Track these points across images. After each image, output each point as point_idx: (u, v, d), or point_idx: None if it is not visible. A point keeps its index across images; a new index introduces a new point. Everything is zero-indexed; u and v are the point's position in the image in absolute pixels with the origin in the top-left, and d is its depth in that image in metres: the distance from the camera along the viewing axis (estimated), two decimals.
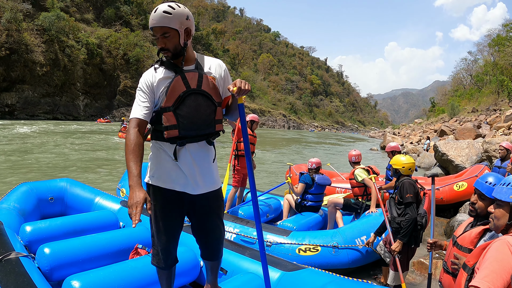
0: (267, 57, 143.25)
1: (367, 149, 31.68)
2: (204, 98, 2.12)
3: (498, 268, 1.52)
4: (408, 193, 3.60)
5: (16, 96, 45.99)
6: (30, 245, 3.47)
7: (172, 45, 2.05)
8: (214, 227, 2.36)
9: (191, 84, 2.09)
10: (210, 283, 2.59)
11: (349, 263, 4.24)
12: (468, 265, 1.87)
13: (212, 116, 2.16)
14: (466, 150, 10.63)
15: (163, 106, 2.06)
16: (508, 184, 1.80)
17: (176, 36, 2.04)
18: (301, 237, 4.34)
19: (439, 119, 47.91)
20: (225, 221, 4.72)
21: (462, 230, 2.33)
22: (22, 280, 2.42)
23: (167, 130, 2.06)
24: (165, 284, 2.43)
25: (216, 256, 2.45)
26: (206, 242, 2.39)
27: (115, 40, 63.39)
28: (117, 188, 6.48)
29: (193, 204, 2.26)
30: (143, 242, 3.64)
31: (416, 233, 3.61)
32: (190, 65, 2.17)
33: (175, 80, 2.07)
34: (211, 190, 2.27)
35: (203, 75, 2.15)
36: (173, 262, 2.37)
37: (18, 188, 4.49)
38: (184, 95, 2.06)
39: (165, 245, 2.27)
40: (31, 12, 50.89)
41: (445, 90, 73.48)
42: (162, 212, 2.21)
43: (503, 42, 43.93)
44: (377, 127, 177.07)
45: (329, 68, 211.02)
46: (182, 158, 2.12)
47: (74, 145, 19.16)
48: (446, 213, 7.49)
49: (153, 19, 2.00)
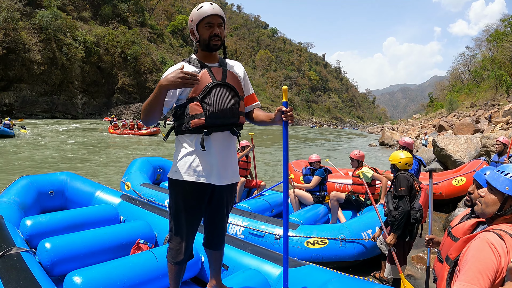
0: (265, 53, 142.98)
1: (365, 144, 31.68)
2: (229, 90, 2.24)
3: (482, 268, 1.49)
4: (401, 187, 3.67)
5: (14, 96, 45.76)
6: (31, 239, 3.47)
7: (223, 34, 2.25)
8: (223, 218, 2.46)
9: (217, 77, 2.23)
10: (213, 278, 2.62)
11: (355, 256, 4.33)
12: (450, 257, 1.83)
13: (236, 106, 2.25)
14: (464, 145, 10.64)
15: (190, 96, 2.17)
16: (507, 174, 1.75)
17: (224, 29, 2.27)
18: (309, 231, 4.43)
19: (438, 114, 47.97)
20: (234, 215, 4.79)
21: (457, 221, 2.35)
22: (23, 276, 2.43)
23: (193, 119, 2.15)
24: (175, 279, 2.44)
25: (219, 246, 2.53)
26: (214, 232, 2.48)
27: (112, 38, 63.08)
28: (121, 182, 6.49)
29: (213, 195, 2.32)
30: (144, 237, 3.64)
31: (411, 226, 3.65)
32: (214, 63, 2.32)
33: (202, 73, 2.21)
34: (233, 182, 2.36)
35: (227, 71, 2.31)
36: (189, 257, 2.40)
37: (18, 181, 4.47)
38: (210, 86, 2.17)
39: (185, 240, 2.31)
40: (28, 11, 50.62)
41: (443, 85, 73.55)
42: (184, 206, 2.26)
43: (501, 37, 43.94)
44: (375, 122, 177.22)
45: (327, 64, 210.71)
46: (207, 148, 2.19)
47: (74, 141, 19.15)
48: (444, 207, 7.51)
49: (214, 9, 2.18)
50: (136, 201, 4.45)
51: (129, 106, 60.97)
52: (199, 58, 2.31)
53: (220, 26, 2.22)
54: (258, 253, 3.18)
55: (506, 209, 1.74)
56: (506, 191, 1.71)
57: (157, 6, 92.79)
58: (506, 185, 1.72)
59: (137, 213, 4.19)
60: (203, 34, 2.21)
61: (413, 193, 3.72)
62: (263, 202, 5.87)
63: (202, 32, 2.21)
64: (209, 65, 2.27)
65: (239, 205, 5.60)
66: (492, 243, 1.55)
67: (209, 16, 2.17)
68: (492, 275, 1.48)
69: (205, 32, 2.20)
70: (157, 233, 3.83)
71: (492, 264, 1.50)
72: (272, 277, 2.89)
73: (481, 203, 1.83)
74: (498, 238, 1.57)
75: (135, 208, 4.29)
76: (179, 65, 2.16)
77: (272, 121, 2.32)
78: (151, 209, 4.19)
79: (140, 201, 4.48)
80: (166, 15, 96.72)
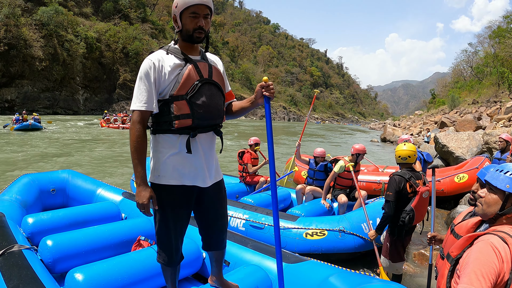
0: (266, 49, 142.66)
1: (367, 140, 31.65)
2: (216, 88, 2.14)
3: (484, 271, 1.47)
4: (389, 191, 3.61)
5: (15, 92, 45.83)
6: (32, 237, 3.48)
7: (208, 27, 2.08)
8: (218, 218, 2.36)
9: (204, 74, 2.09)
10: (215, 275, 2.60)
11: (355, 248, 4.34)
12: (451, 255, 1.82)
13: (222, 106, 2.19)
14: (466, 141, 10.61)
15: (175, 94, 2.01)
16: (507, 172, 1.73)
17: (210, 21, 2.09)
18: (308, 222, 4.47)
19: (440, 111, 47.81)
20: (236, 208, 4.84)
21: (461, 218, 2.34)
22: (25, 273, 2.43)
23: (179, 119, 2.00)
24: (170, 280, 2.42)
25: (220, 246, 2.45)
26: (211, 233, 2.39)
27: (114, 33, 63.06)
28: (131, 180, 6.55)
29: (200, 197, 2.24)
30: (145, 233, 3.65)
31: (399, 227, 3.62)
32: (196, 55, 2.16)
33: (188, 69, 2.04)
34: (218, 180, 2.28)
35: (212, 66, 2.17)
36: (179, 259, 2.35)
37: (20, 179, 4.49)
38: (198, 84, 2.04)
39: (173, 243, 2.24)
40: (29, 7, 50.56)
41: (445, 81, 73.26)
42: (170, 210, 2.16)
43: (503, 34, 43.72)
44: (377, 118, 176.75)
45: (329, 60, 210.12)
46: (193, 150, 2.08)
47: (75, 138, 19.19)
48: (446, 204, 7.51)
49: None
50: None
51: (131, 101, 60.89)
52: (181, 48, 2.12)
53: (205, 18, 2.04)
54: (259, 248, 3.20)
55: (507, 208, 1.73)
56: (507, 189, 1.69)
57: (158, 2, 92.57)
58: (506, 183, 1.70)
59: (138, 210, 4.18)
60: (187, 24, 2.03)
61: (404, 195, 3.60)
62: (267, 196, 5.92)
63: (186, 21, 2.02)
64: (192, 59, 2.10)
65: (243, 199, 5.67)
66: (496, 247, 1.54)
67: (195, 6, 1.99)
68: (494, 278, 1.46)
69: (189, 22, 2.02)
70: None
71: (495, 267, 1.48)
72: (273, 272, 2.89)
73: (481, 203, 1.81)
74: (502, 242, 1.56)
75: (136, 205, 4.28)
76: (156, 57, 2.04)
77: (253, 103, 2.22)
78: None
79: None
80: (167, 11, 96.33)
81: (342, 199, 5.49)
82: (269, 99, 2.12)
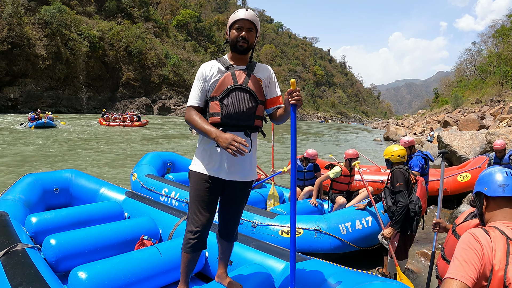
0: (269, 48, 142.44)
1: (370, 139, 31.60)
2: (247, 94, 2.37)
3: (466, 257, 1.52)
4: (398, 182, 3.72)
5: (19, 90, 45.94)
6: (36, 236, 3.50)
7: (252, 39, 2.42)
8: (237, 213, 2.61)
9: (238, 81, 2.38)
10: (220, 273, 2.68)
11: (331, 249, 4.32)
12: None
13: (252, 110, 2.39)
14: (469, 141, 10.59)
15: (212, 95, 2.37)
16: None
17: (254, 35, 2.45)
18: (286, 220, 4.47)
19: (443, 110, 47.74)
20: None
21: (462, 218, 2.34)
22: (28, 272, 2.45)
23: (212, 116, 2.35)
24: (187, 269, 2.51)
25: (229, 238, 2.64)
26: (224, 224, 2.62)
27: (117, 32, 63.15)
28: (131, 174, 6.59)
29: (225, 189, 2.47)
30: (148, 233, 3.67)
31: (410, 220, 3.68)
32: (242, 65, 2.47)
33: (226, 75, 2.38)
34: (244, 180, 2.46)
35: (250, 75, 2.44)
36: (204, 245, 2.49)
37: (23, 179, 4.49)
38: (230, 88, 2.34)
39: (203, 226, 2.41)
40: (32, 6, 50.68)
41: (448, 81, 73.12)
42: (197, 195, 2.41)
43: (507, 33, 43.65)
44: (380, 117, 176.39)
45: (332, 59, 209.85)
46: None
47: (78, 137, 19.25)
48: (449, 203, 7.51)
49: (246, 14, 2.38)
50: (140, 197, 4.47)
51: (134, 100, 61.10)
52: (230, 58, 2.49)
53: (249, 31, 2.39)
54: (261, 248, 3.20)
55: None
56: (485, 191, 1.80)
57: (161, 1, 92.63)
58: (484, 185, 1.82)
59: (141, 209, 4.21)
60: (232, 35, 2.40)
61: (409, 186, 3.76)
62: (257, 194, 5.97)
63: (232, 33, 2.40)
64: (235, 67, 2.43)
65: None
66: (476, 236, 1.59)
67: (240, 20, 2.37)
68: (478, 264, 1.50)
69: (234, 33, 2.39)
70: (161, 229, 3.85)
71: (475, 252, 1.53)
72: (275, 271, 2.90)
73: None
74: (484, 233, 1.61)
75: (139, 204, 4.31)
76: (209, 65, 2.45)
77: (286, 110, 2.39)
78: (155, 205, 4.21)
79: (145, 197, 4.50)
80: (170, 10, 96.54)
81: (341, 200, 5.52)
82: (295, 107, 2.25)
